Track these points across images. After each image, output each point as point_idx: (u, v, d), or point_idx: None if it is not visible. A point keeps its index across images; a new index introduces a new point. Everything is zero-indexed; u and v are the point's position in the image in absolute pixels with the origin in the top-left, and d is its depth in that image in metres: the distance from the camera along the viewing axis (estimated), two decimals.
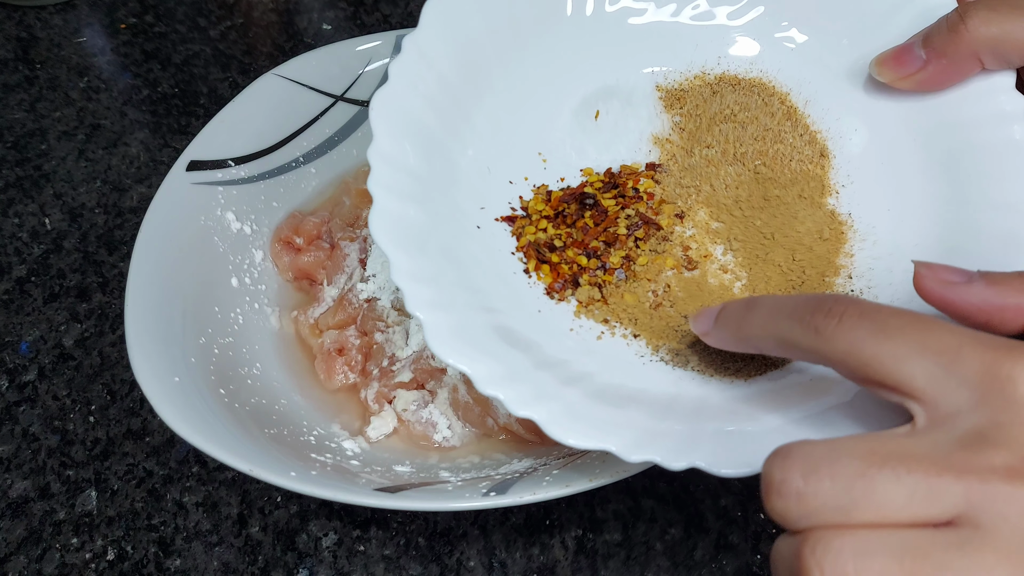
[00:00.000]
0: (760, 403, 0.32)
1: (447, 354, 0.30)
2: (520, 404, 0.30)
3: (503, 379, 0.30)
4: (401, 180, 0.34)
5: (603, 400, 0.32)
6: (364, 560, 0.42)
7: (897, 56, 0.38)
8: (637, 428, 0.31)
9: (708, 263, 0.38)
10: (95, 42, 0.66)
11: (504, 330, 0.33)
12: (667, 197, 0.39)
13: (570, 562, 0.41)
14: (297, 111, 0.51)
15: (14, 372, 0.48)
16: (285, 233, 0.49)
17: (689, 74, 0.42)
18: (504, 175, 0.39)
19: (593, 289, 0.37)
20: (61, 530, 0.43)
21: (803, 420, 0.31)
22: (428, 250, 0.33)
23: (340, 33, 0.68)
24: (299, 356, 0.47)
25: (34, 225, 0.55)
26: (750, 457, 0.29)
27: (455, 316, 0.32)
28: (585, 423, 0.30)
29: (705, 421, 0.31)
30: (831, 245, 0.38)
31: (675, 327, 0.36)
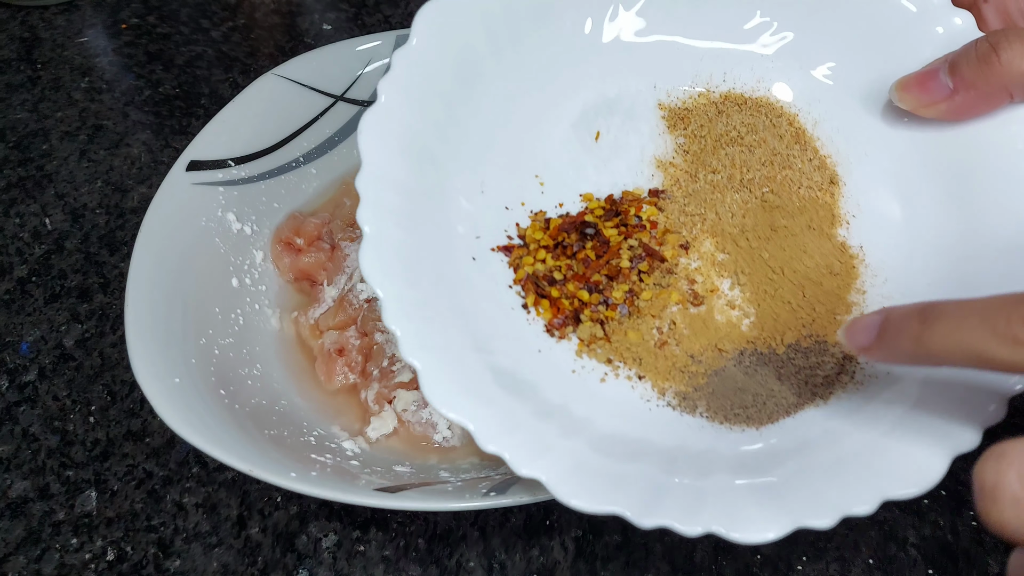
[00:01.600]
0: (771, 455, 0.31)
1: (446, 409, 0.29)
2: (522, 464, 0.28)
3: (504, 432, 0.29)
4: (392, 208, 0.32)
5: (606, 453, 0.30)
6: (364, 562, 0.42)
7: (921, 82, 0.36)
8: (645, 485, 0.29)
9: (715, 298, 0.36)
10: (98, 43, 0.66)
11: (502, 373, 0.31)
12: (671, 226, 0.38)
13: (570, 564, 0.41)
14: (297, 111, 0.51)
15: (14, 372, 0.48)
16: (286, 234, 0.49)
17: (693, 92, 0.41)
18: (500, 200, 0.37)
19: (595, 326, 0.35)
20: (60, 531, 0.43)
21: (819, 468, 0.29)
22: (421, 284, 0.31)
23: (341, 34, 0.68)
24: (299, 357, 0.47)
25: (35, 225, 0.55)
26: (766, 522, 0.27)
27: (451, 360, 0.30)
28: (591, 484, 0.28)
29: (715, 475, 0.30)
30: (842, 280, 0.36)
31: (681, 367, 0.34)
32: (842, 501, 0.28)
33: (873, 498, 0.28)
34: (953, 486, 0.44)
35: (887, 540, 0.42)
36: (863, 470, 0.29)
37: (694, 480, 0.30)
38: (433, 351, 0.30)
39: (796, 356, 0.35)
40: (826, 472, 0.29)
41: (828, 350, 0.34)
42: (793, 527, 0.27)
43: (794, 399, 0.33)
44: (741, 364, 0.35)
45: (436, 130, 0.35)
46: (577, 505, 0.28)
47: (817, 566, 0.41)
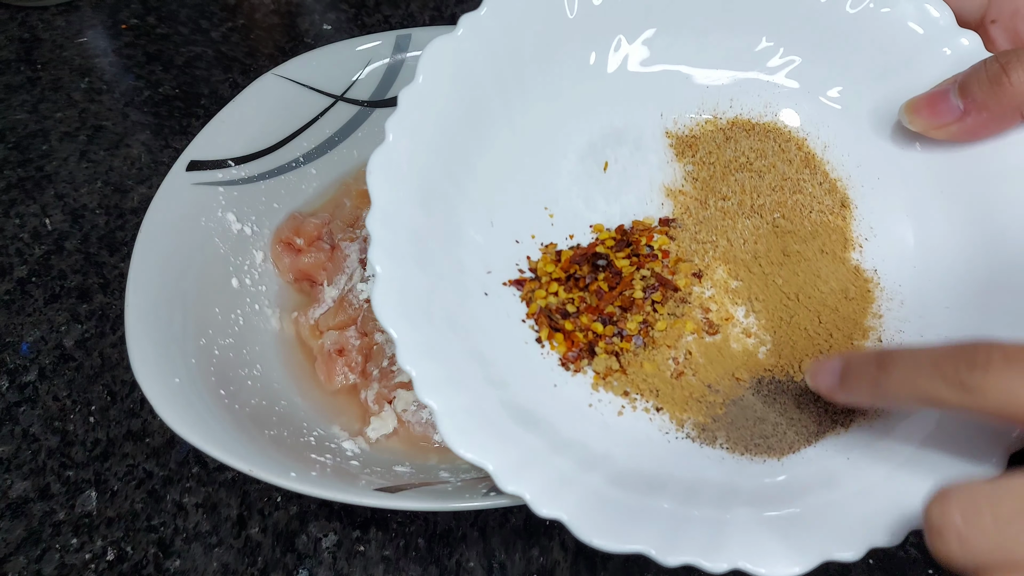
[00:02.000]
0: (794, 486, 0.30)
1: (464, 451, 0.28)
2: (541, 504, 0.28)
3: (522, 472, 0.29)
4: (402, 248, 0.32)
5: (626, 488, 0.30)
6: (364, 561, 0.42)
7: (931, 104, 0.35)
8: (667, 519, 0.29)
9: (730, 326, 0.36)
10: (97, 43, 0.66)
11: (518, 410, 0.31)
12: (683, 254, 0.37)
13: (570, 564, 0.41)
14: (297, 111, 0.51)
15: (15, 373, 0.48)
16: (286, 234, 0.49)
17: (700, 119, 0.40)
18: (510, 233, 0.37)
19: (610, 358, 0.35)
20: (61, 531, 0.43)
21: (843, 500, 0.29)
22: (434, 323, 0.31)
23: (341, 34, 0.68)
24: (299, 357, 0.47)
25: (35, 226, 0.55)
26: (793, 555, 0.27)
27: (467, 400, 0.30)
28: (612, 521, 0.28)
29: (737, 507, 0.29)
30: (857, 305, 0.36)
31: (699, 398, 0.34)
32: (868, 533, 0.28)
33: (899, 529, 0.28)
34: None
35: None
36: (888, 501, 0.29)
37: (716, 513, 0.29)
38: (448, 391, 0.29)
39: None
40: (850, 503, 0.29)
41: None
42: (820, 560, 0.27)
43: (814, 427, 0.33)
44: (759, 393, 0.34)
45: (444, 167, 0.35)
46: (600, 544, 0.27)
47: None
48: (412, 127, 0.34)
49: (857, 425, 0.32)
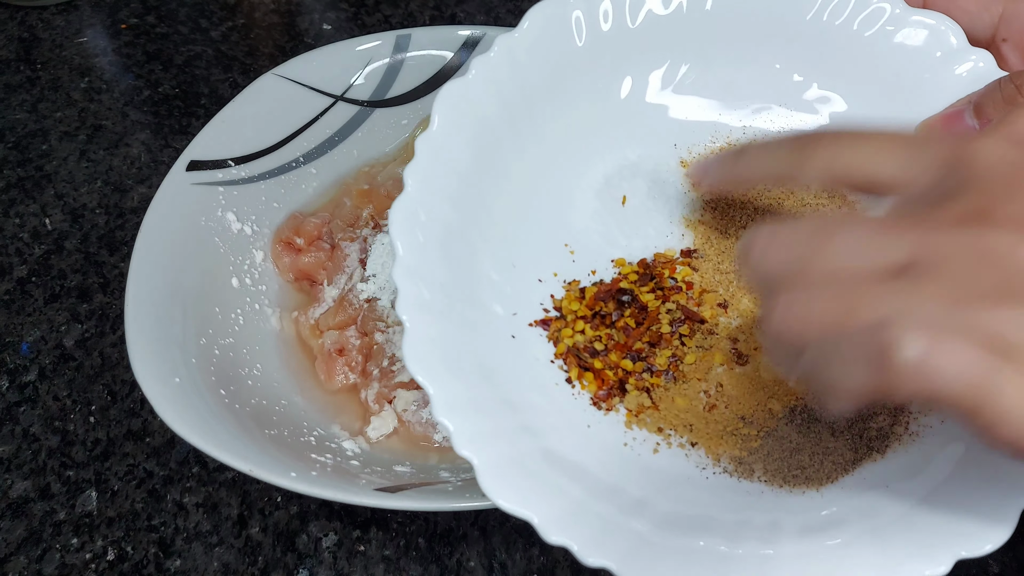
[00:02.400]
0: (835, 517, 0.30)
1: (505, 502, 0.28)
2: (588, 553, 0.28)
3: (567, 521, 0.29)
4: (429, 296, 0.32)
5: (672, 532, 0.30)
6: (364, 561, 0.42)
7: (946, 124, 0.35)
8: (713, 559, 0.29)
9: (759, 356, 0.35)
10: (97, 43, 0.66)
11: (554, 458, 0.31)
12: (707, 285, 0.37)
13: (570, 563, 0.41)
14: (297, 111, 0.51)
15: (15, 372, 0.48)
16: (286, 234, 0.49)
17: (714, 146, 0.40)
18: (532, 273, 0.37)
19: (642, 395, 0.34)
20: (61, 530, 0.43)
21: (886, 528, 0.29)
22: (465, 375, 0.31)
23: (341, 34, 0.68)
24: (299, 357, 0.47)
25: (35, 225, 0.55)
26: None
27: (505, 452, 0.30)
28: (661, 563, 0.28)
29: (781, 541, 0.29)
30: None
31: (733, 431, 0.34)
32: (916, 565, 0.28)
33: (947, 558, 0.28)
34: None
35: None
36: (933, 529, 0.29)
37: (761, 548, 0.29)
38: (485, 443, 0.29)
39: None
40: (894, 533, 0.29)
41: (879, 401, 0.34)
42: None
43: (851, 455, 0.33)
44: (793, 423, 0.34)
45: (463, 212, 0.35)
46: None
47: None
48: (430, 175, 0.34)
49: (893, 451, 0.32)
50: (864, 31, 0.38)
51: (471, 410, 0.30)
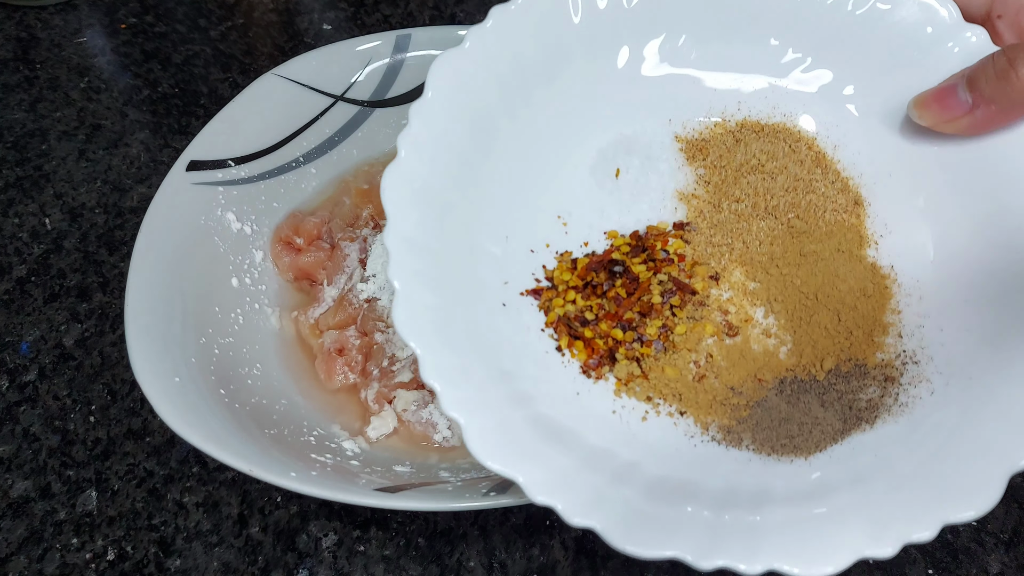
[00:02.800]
0: (824, 484, 0.30)
1: (490, 461, 0.28)
2: (574, 513, 0.28)
3: (552, 483, 0.29)
4: (421, 264, 0.32)
5: (657, 498, 0.30)
6: (364, 560, 0.42)
7: (939, 98, 0.36)
8: (700, 528, 0.29)
9: (749, 328, 0.36)
10: (95, 42, 0.66)
11: (544, 423, 0.31)
12: (699, 258, 0.37)
13: (570, 563, 0.41)
14: (297, 111, 0.51)
15: (15, 372, 0.48)
16: (285, 233, 0.49)
17: (708, 122, 0.40)
18: (524, 244, 0.37)
19: (632, 364, 0.35)
20: (62, 530, 0.43)
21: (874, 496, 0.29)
22: (455, 340, 0.31)
23: (340, 33, 0.68)
24: (299, 356, 0.47)
25: (34, 225, 0.55)
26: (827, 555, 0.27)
27: (492, 414, 0.30)
28: (645, 529, 0.28)
29: (769, 509, 0.29)
30: (876, 302, 0.36)
31: (722, 400, 0.34)
32: (902, 528, 0.28)
33: (933, 523, 0.28)
34: None
35: None
36: (920, 495, 0.29)
37: (748, 515, 0.29)
38: (473, 406, 0.30)
39: (837, 381, 0.34)
40: (881, 499, 0.29)
41: (869, 373, 0.34)
42: (855, 558, 0.27)
43: (840, 425, 0.33)
44: (783, 393, 0.34)
45: (456, 181, 0.35)
46: (634, 552, 0.27)
47: None
48: (423, 142, 0.34)
49: (882, 421, 0.33)
50: (858, 9, 0.38)
51: (459, 374, 0.30)
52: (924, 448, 0.31)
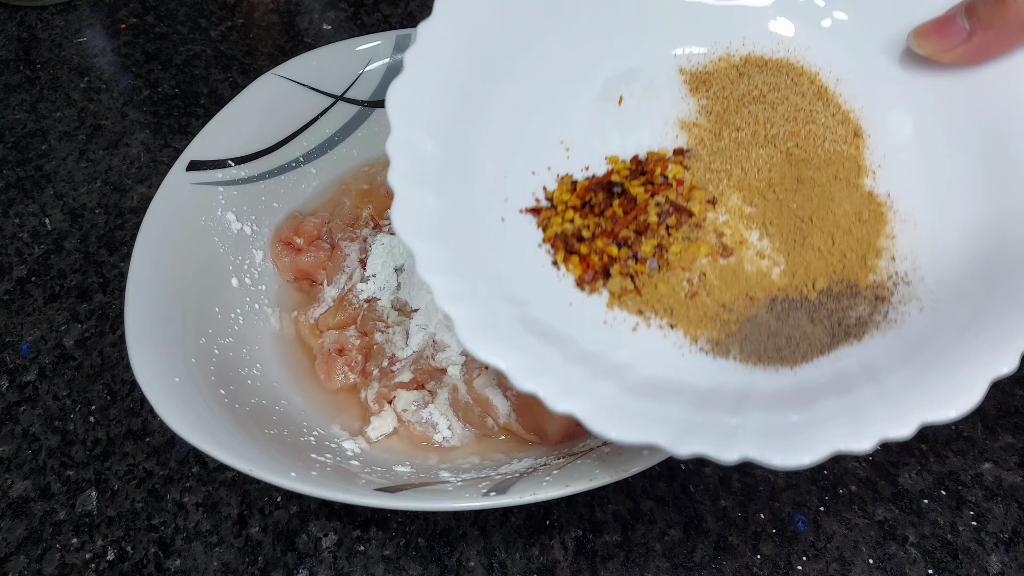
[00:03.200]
0: (808, 391, 0.31)
1: (479, 349, 0.29)
2: (558, 398, 0.29)
3: (538, 372, 0.29)
4: (421, 171, 0.33)
5: (641, 394, 0.31)
6: (364, 560, 0.42)
7: (938, 27, 0.37)
8: (680, 420, 0.29)
9: (744, 249, 0.37)
10: (96, 43, 0.66)
11: (534, 323, 0.32)
12: (697, 183, 0.38)
13: (570, 563, 0.41)
14: (297, 111, 0.51)
15: (14, 372, 0.48)
16: (285, 233, 0.49)
17: (714, 56, 0.41)
18: (526, 165, 0.38)
19: (625, 280, 0.36)
20: (61, 530, 0.43)
21: (855, 398, 0.30)
22: (451, 242, 0.32)
23: (340, 33, 0.68)
24: (299, 356, 0.47)
25: (35, 225, 0.55)
26: (803, 447, 0.28)
27: (484, 309, 0.31)
28: (627, 416, 0.29)
29: (750, 411, 0.30)
30: (871, 227, 0.37)
31: (713, 316, 0.35)
32: (880, 426, 0.28)
33: (911, 421, 0.28)
34: (953, 486, 0.44)
35: (887, 539, 0.42)
36: (900, 397, 0.29)
37: (728, 416, 0.30)
38: (466, 301, 0.30)
39: (828, 301, 0.35)
40: (862, 401, 0.29)
41: (860, 293, 0.35)
42: (832, 451, 0.27)
43: (828, 339, 0.33)
44: (773, 311, 0.35)
45: (461, 98, 0.36)
46: (614, 435, 0.28)
47: (817, 566, 0.41)
48: (429, 59, 0.35)
49: (870, 336, 0.33)
50: None
51: (455, 273, 0.31)
52: (909, 358, 0.31)
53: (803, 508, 0.43)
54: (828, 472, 0.44)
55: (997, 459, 0.45)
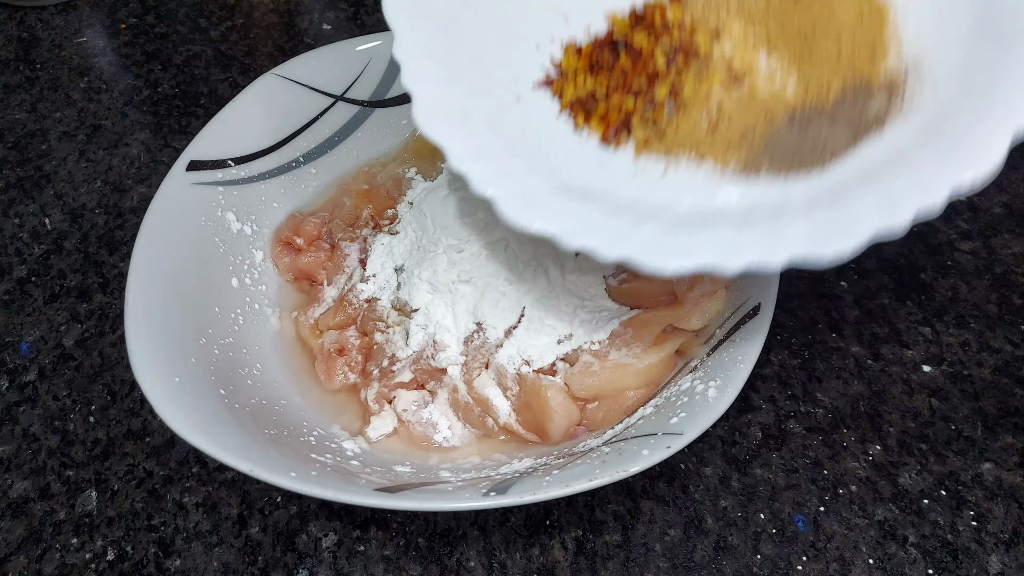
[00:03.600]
0: (840, 188, 0.31)
1: (524, 220, 0.31)
2: (609, 247, 0.30)
3: (583, 231, 0.31)
4: (432, 68, 0.34)
5: (683, 227, 0.32)
6: (364, 561, 0.42)
7: None
8: (726, 241, 0.31)
9: (754, 74, 0.37)
10: (96, 43, 0.66)
11: (570, 188, 0.34)
12: (697, 20, 0.39)
13: (570, 563, 0.41)
14: (297, 111, 0.51)
15: (14, 372, 0.48)
16: (285, 234, 0.49)
17: None
18: (529, 39, 0.39)
19: (647, 126, 0.37)
20: (61, 530, 0.43)
21: (885, 190, 0.30)
22: (475, 130, 0.33)
23: (340, 33, 0.68)
24: (299, 357, 0.47)
25: (35, 225, 0.55)
26: (846, 233, 0.28)
27: (521, 185, 0.32)
28: (675, 250, 0.31)
29: (791, 217, 0.31)
30: (873, 24, 0.37)
31: (737, 141, 0.36)
32: (914, 198, 0.28)
33: (942, 189, 0.28)
34: (953, 486, 0.44)
35: (887, 539, 0.42)
36: (927, 169, 0.29)
37: (771, 225, 0.31)
38: (502, 181, 0.32)
39: (845, 104, 0.35)
40: (892, 183, 0.30)
41: (874, 89, 0.35)
42: (873, 233, 0.28)
43: (851, 137, 0.34)
44: (793, 125, 0.36)
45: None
46: (671, 267, 0.30)
47: (817, 566, 0.41)
48: None
49: (891, 123, 0.34)
50: None
51: (486, 158, 0.33)
52: (929, 136, 0.31)
53: (803, 508, 0.43)
54: (828, 472, 0.44)
55: (997, 459, 0.45)
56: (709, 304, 0.43)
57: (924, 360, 0.49)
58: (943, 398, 0.47)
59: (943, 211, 0.29)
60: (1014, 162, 0.57)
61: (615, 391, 0.42)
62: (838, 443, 0.45)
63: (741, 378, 0.37)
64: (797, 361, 0.49)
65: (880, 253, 0.54)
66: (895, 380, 0.48)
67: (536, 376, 0.42)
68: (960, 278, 0.53)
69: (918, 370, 0.48)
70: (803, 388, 0.47)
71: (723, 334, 0.41)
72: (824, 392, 0.47)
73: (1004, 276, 0.53)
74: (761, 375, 0.48)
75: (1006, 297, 0.52)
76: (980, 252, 0.54)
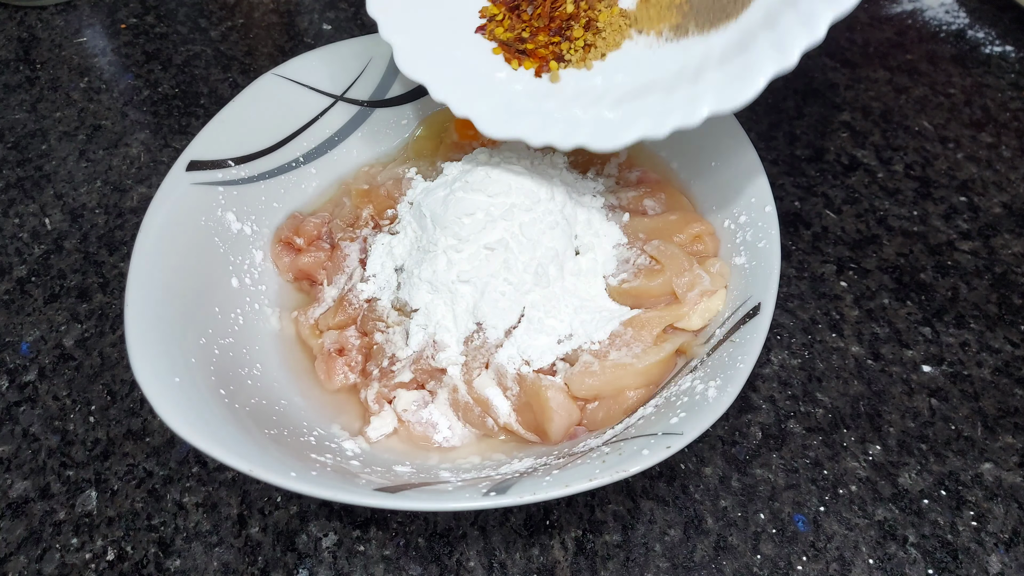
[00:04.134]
0: (747, 36, 0.36)
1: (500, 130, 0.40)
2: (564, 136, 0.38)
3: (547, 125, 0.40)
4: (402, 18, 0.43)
5: (622, 102, 0.38)
6: (364, 560, 0.42)
7: None
8: (656, 106, 0.37)
9: None
10: (96, 43, 0.66)
11: (534, 94, 0.42)
12: None
13: (570, 563, 0.41)
14: (297, 111, 0.51)
15: (14, 372, 0.48)
16: (285, 234, 0.49)
17: None
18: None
19: (583, 32, 0.43)
20: (61, 530, 0.43)
21: (778, 35, 0.34)
22: (445, 66, 0.43)
23: (341, 33, 0.68)
24: (299, 356, 0.47)
25: (35, 225, 0.55)
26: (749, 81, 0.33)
27: (492, 103, 0.41)
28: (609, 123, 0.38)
29: (708, 73, 0.36)
30: None
31: (667, 6, 0.41)
32: (800, 40, 0.33)
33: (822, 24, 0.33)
34: (953, 486, 0.44)
35: (887, 539, 0.42)
36: (814, 10, 0.33)
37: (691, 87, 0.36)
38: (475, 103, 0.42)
39: None
40: (784, 27, 0.34)
41: None
42: (769, 77, 0.33)
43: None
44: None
45: None
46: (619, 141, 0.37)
47: (817, 566, 0.41)
48: None
49: None
50: None
51: (460, 88, 0.42)
52: None
53: (803, 508, 0.43)
54: (828, 472, 0.44)
55: (997, 459, 0.45)
56: (709, 304, 0.43)
57: (924, 360, 0.49)
58: (943, 398, 0.47)
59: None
60: (1014, 162, 0.58)
61: (615, 391, 0.42)
62: (838, 443, 0.45)
63: (741, 378, 0.37)
64: (797, 361, 0.49)
65: (880, 253, 0.54)
66: (895, 380, 0.48)
67: (536, 376, 0.42)
68: (960, 278, 0.53)
69: (918, 370, 0.48)
70: (803, 388, 0.48)
71: (723, 334, 0.41)
72: (824, 392, 0.47)
73: (1004, 276, 0.53)
74: (761, 375, 0.48)
75: (1006, 297, 0.52)
76: (980, 252, 0.54)
